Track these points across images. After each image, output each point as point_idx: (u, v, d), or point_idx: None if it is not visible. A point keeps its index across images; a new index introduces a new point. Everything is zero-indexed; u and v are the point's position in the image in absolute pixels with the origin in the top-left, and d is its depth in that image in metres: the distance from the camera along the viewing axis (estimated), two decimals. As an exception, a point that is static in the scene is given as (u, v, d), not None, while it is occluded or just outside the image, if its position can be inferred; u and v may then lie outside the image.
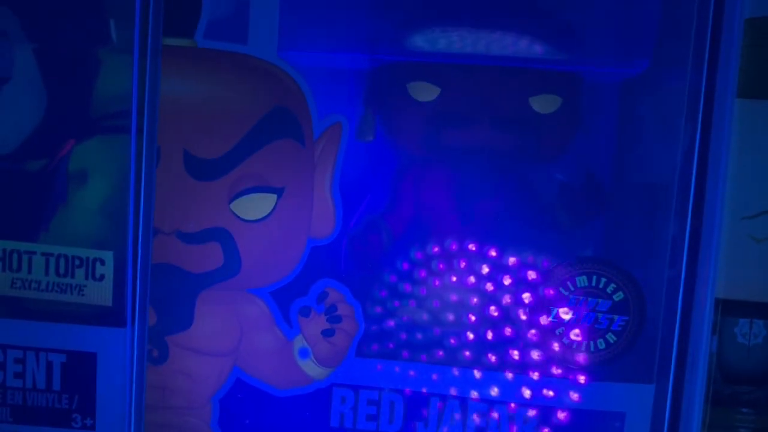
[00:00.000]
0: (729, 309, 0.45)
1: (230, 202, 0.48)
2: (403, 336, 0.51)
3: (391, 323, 0.51)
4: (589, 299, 0.48)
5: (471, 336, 0.51)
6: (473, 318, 0.51)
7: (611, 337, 0.48)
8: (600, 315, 0.48)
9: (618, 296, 0.48)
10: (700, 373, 0.46)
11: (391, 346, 0.51)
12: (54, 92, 0.49)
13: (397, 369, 0.51)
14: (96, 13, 0.48)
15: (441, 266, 0.51)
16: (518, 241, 0.51)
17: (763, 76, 0.44)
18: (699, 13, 0.46)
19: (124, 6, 0.47)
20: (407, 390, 0.51)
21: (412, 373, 0.51)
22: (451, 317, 0.51)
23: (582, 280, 0.49)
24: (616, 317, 0.48)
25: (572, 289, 0.49)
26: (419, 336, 0.51)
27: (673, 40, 0.49)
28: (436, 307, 0.51)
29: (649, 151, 0.52)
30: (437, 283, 0.51)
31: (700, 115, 0.47)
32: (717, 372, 0.46)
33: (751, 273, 0.45)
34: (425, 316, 0.51)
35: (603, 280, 0.48)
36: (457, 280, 0.51)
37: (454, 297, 0.51)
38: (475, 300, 0.50)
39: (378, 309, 0.51)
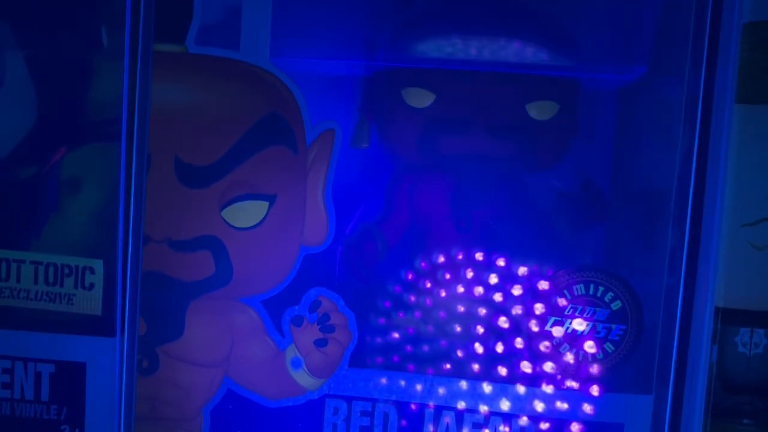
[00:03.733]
0: (729, 318, 0.45)
1: (221, 210, 0.48)
2: (397, 346, 0.50)
3: (386, 333, 0.50)
4: (587, 308, 0.48)
5: (465, 346, 0.50)
6: (468, 327, 0.50)
7: (609, 347, 0.48)
8: (598, 324, 0.48)
9: (616, 305, 0.47)
10: (699, 384, 0.45)
11: (384, 356, 0.50)
12: (45, 99, 0.48)
13: (390, 380, 0.50)
14: (87, 19, 0.48)
15: (437, 275, 0.51)
16: (515, 249, 0.50)
17: (762, 80, 0.44)
18: (696, 18, 0.46)
19: (115, 12, 0.47)
20: (400, 401, 0.50)
21: (403, 383, 0.50)
22: (446, 327, 0.50)
23: (579, 289, 0.48)
24: (614, 326, 0.47)
25: (570, 297, 0.48)
26: (413, 346, 0.50)
27: (670, 46, 0.48)
28: (431, 317, 0.50)
29: (647, 157, 0.51)
30: (433, 292, 0.50)
31: (699, 121, 0.46)
32: (717, 382, 0.45)
33: (752, 281, 0.45)
34: (420, 326, 0.50)
35: (601, 288, 0.48)
36: (453, 289, 0.50)
37: (450, 306, 0.50)
38: (471, 309, 0.50)
39: (372, 318, 0.50)
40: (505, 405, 0.49)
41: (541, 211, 0.53)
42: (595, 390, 0.48)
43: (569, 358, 0.48)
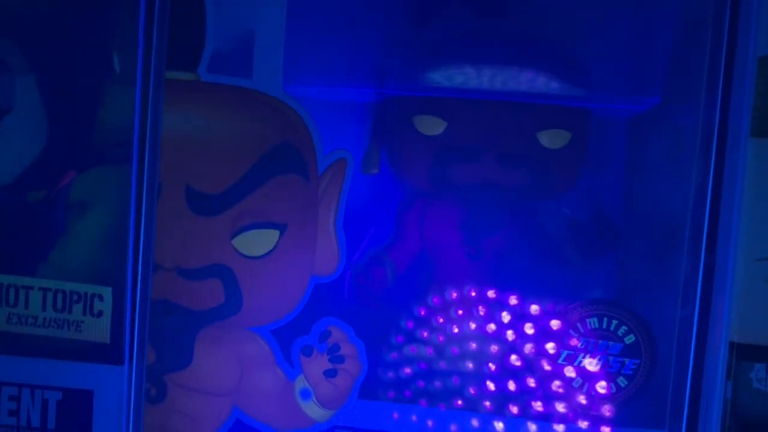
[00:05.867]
0: (744, 353, 0.44)
1: (232, 238, 0.47)
2: (408, 378, 0.50)
3: (396, 365, 0.50)
4: (600, 342, 0.47)
5: (478, 379, 0.49)
6: (480, 363, 0.49)
7: (622, 381, 0.47)
8: (611, 358, 0.47)
9: (629, 339, 0.47)
10: (714, 420, 0.45)
11: (394, 388, 0.50)
12: (56, 123, 0.48)
13: (400, 413, 0.50)
14: (99, 44, 0.48)
15: (447, 306, 0.50)
16: (526, 280, 0.50)
17: (778, 115, 0.44)
18: (712, 51, 0.45)
19: (128, 38, 0.47)
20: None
21: (414, 417, 0.50)
22: (456, 360, 0.50)
23: (593, 322, 0.47)
24: (627, 360, 0.47)
25: (582, 331, 0.48)
26: (424, 380, 0.50)
27: (684, 76, 0.48)
28: (442, 349, 0.50)
29: (660, 188, 0.51)
30: (444, 323, 0.50)
31: (713, 154, 0.46)
32: (731, 419, 0.44)
33: (766, 316, 0.44)
34: (431, 358, 0.50)
35: (614, 322, 0.47)
36: (464, 320, 0.50)
37: (461, 339, 0.49)
38: (483, 345, 0.49)
39: (382, 349, 0.50)
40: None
41: (553, 240, 0.53)
42: (608, 425, 0.48)
43: (582, 393, 0.48)
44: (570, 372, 0.48)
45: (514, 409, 0.49)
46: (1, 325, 0.49)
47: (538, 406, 0.48)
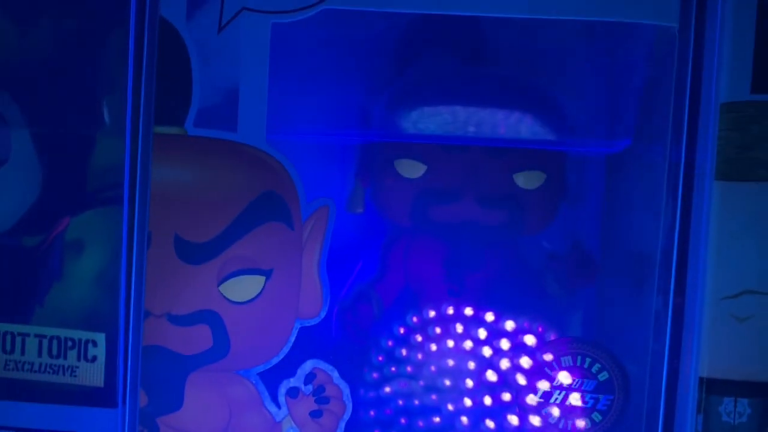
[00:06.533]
0: (713, 388, 0.46)
1: (219, 285, 0.49)
2: (392, 416, 0.51)
3: (379, 405, 0.51)
4: (575, 379, 0.49)
5: (456, 414, 0.51)
6: (456, 400, 0.51)
7: (597, 416, 0.49)
8: (586, 395, 0.49)
9: (603, 376, 0.49)
10: (686, 453, 0.46)
11: (379, 427, 0.51)
12: (49, 172, 0.50)
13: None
14: (90, 99, 0.49)
15: (430, 342, 0.52)
16: (507, 314, 0.51)
17: (739, 159, 0.45)
18: (676, 96, 0.47)
19: (118, 94, 0.49)
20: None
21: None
22: (439, 398, 0.51)
23: (567, 360, 0.49)
24: (601, 397, 0.49)
25: (557, 368, 0.49)
26: (407, 417, 0.51)
27: (653, 119, 0.50)
28: (424, 387, 0.51)
29: (634, 225, 0.53)
30: (425, 360, 0.51)
31: (680, 195, 0.47)
32: (703, 452, 0.46)
33: (734, 352, 0.46)
34: (414, 396, 0.51)
35: (588, 359, 0.49)
36: (445, 356, 0.51)
37: (443, 375, 0.51)
38: (464, 379, 0.51)
39: (367, 390, 0.52)
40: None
41: (533, 274, 0.54)
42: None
43: (558, 428, 0.49)
44: (547, 406, 0.49)
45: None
46: (-2, 371, 0.50)
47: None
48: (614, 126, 0.53)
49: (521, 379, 0.50)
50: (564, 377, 0.48)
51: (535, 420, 0.49)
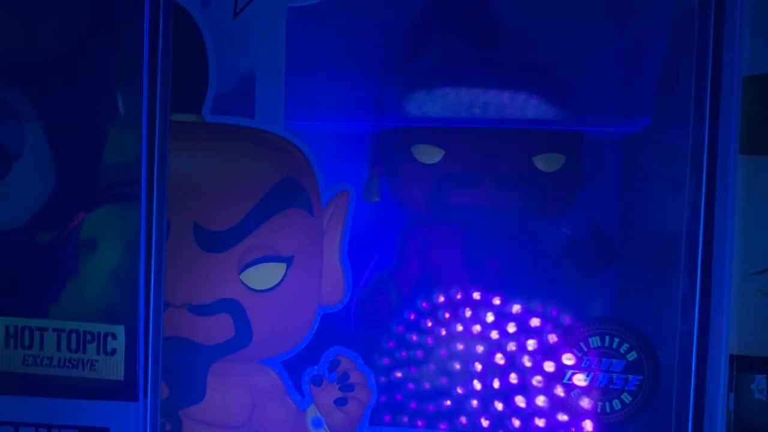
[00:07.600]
0: (744, 365, 0.45)
1: (240, 273, 0.48)
2: (417, 403, 0.50)
3: (405, 391, 0.51)
4: (603, 360, 0.48)
5: (484, 401, 0.50)
6: (484, 383, 0.50)
7: (627, 397, 0.48)
8: (614, 375, 0.48)
9: (631, 356, 0.48)
10: (718, 431, 0.46)
11: (405, 414, 0.51)
12: (63, 166, 0.50)
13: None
14: (104, 89, 0.49)
15: (451, 327, 0.51)
16: (528, 300, 0.51)
17: (763, 132, 0.45)
18: (698, 72, 0.47)
19: (133, 83, 0.48)
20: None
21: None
22: (463, 383, 0.50)
23: (595, 341, 0.48)
24: (630, 377, 0.48)
25: (585, 350, 0.49)
26: (435, 404, 0.51)
27: (673, 97, 0.49)
28: (449, 372, 0.50)
29: (655, 205, 0.52)
30: (446, 346, 0.51)
31: (705, 172, 0.47)
32: (735, 430, 0.45)
33: (765, 328, 0.45)
34: (437, 382, 0.51)
35: (616, 340, 0.48)
36: (469, 342, 0.51)
37: (466, 361, 0.50)
38: (489, 364, 0.50)
39: (390, 376, 0.51)
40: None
41: (552, 260, 0.54)
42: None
43: (588, 410, 0.49)
44: (576, 386, 0.49)
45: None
46: (17, 366, 0.50)
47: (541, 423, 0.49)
48: (634, 105, 0.52)
49: (549, 366, 0.49)
50: (593, 357, 0.48)
51: (564, 399, 0.48)
